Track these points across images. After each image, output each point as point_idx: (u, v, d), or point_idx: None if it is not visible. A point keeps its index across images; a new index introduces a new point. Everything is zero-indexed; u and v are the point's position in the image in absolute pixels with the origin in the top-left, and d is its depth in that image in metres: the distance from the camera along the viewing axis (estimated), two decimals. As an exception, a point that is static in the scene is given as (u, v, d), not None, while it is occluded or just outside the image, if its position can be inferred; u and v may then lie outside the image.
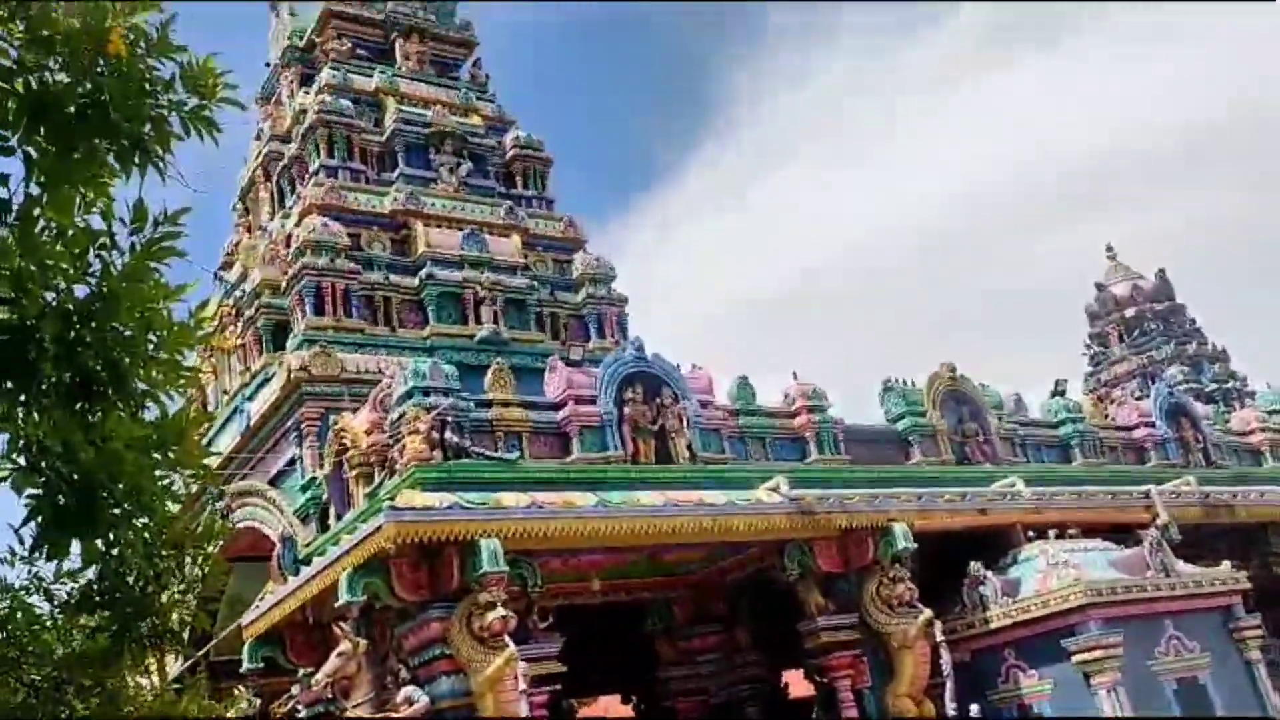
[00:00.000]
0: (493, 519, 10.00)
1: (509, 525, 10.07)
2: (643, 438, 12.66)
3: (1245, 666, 12.60)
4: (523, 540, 10.21)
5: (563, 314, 17.56)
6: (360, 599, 9.85)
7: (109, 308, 2.49)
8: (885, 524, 12.30)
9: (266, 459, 14.42)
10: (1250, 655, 12.64)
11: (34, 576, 3.70)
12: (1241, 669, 12.54)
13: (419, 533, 9.62)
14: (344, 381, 13.93)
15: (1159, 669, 11.86)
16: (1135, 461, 17.17)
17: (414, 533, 9.59)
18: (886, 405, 15.55)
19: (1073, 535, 13.17)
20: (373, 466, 11.60)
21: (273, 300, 15.88)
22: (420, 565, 10.18)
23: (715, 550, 12.60)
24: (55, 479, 2.43)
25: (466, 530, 9.84)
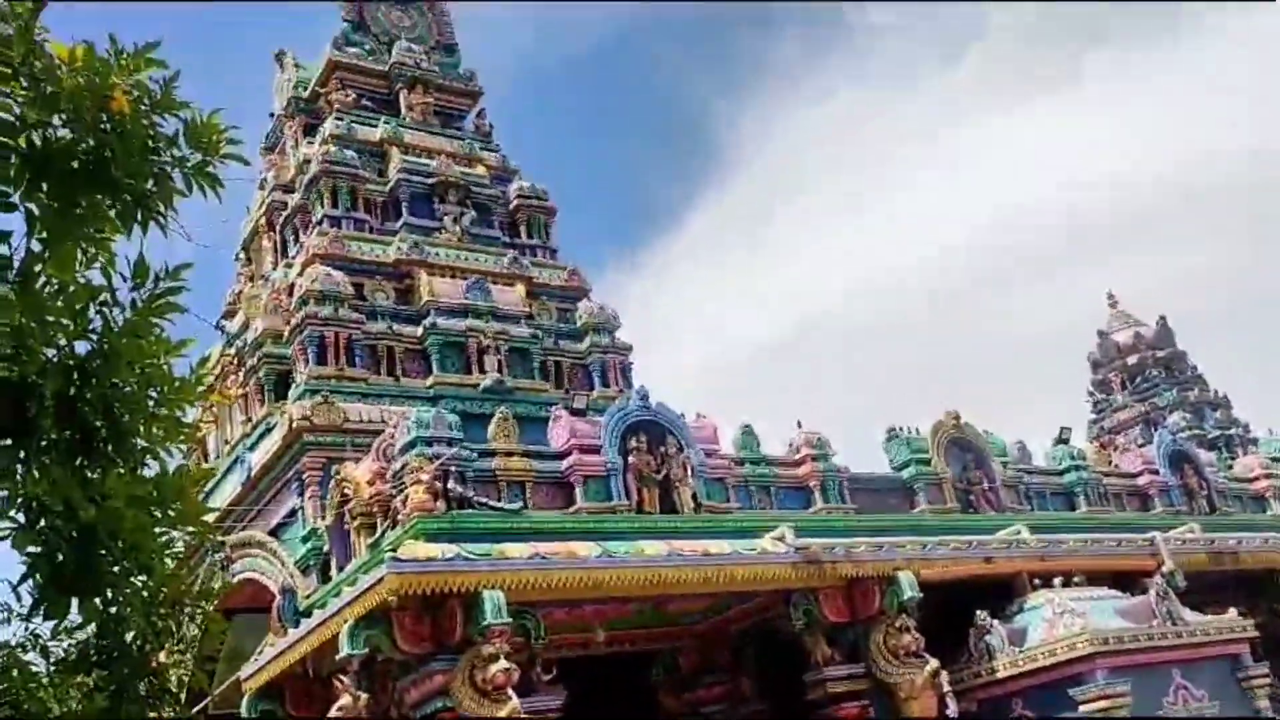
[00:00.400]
0: (496, 570, 9.91)
1: (512, 576, 9.98)
2: (647, 487, 12.60)
3: (1254, 715, 12.41)
4: (526, 591, 10.11)
5: (566, 362, 17.58)
6: (362, 652, 9.74)
7: (110, 364, 2.49)
8: (891, 573, 12.19)
9: (267, 510, 14.35)
10: (1259, 703, 12.45)
11: (30, 634, 3.66)
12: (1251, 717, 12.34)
13: (421, 584, 9.53)
14: (346, 431, 13.90)
15: (1168, 718, 11.67)
16: (1140, 508, 17.07)
17: (416, 584, 9.50)
18: (891, 453, 15.50)
19: (1078, 583, 13.05)
20: (375, 517, 11.54)
21: (275, 350, 15.91)
22: (422, 617, 10.07)
23: (720, 600, 12.49)
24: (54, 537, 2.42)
25: (469, 582, 9.75)
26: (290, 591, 12.04)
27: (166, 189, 2.60)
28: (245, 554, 13.48)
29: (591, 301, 18.49)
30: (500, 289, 17.32)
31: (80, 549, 2.46)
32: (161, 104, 2.58)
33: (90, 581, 2.51)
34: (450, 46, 20.92)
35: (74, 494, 2.36)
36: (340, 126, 18.38)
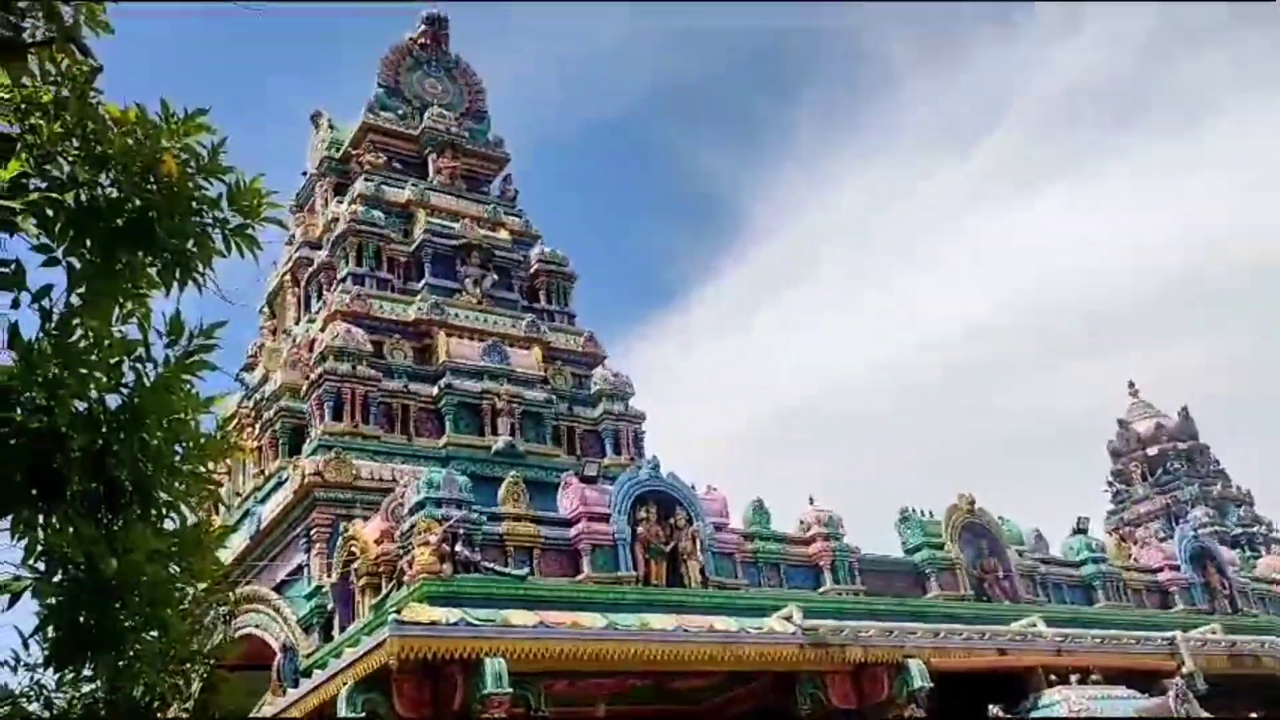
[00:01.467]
0: (499, 637, 9.79)
1: (515, 645, 9.85)
2: (655, 558, 12.47)
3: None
4: (529, 661, 9.97)
5: (579, 428, 17.56)
6: (360, 716, 9.58)
7: (139, 418, 2.50)
8: (901, 660, 11.97)
9: (274, 564, 14.26)
10: (1282, 817, 12.05)
11: (35, 684, 3.61)
12: (1274, 832, 11.94)
13: (423, 648, 9.41)
14: (357, 489, 13.87)
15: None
16: (1159, 605, 16.74)
17: (418, 648, 9.39)
18: (904, 536, 15.31)
19: (1095, 681, 12.76)
20: (380, 577, 11.45)
21: (292, 404, 15.97)
22: (423, 683, 9.93)
23: (725, 679, 12.26)
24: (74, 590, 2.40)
25: (472, 648, 9.62)
26: (291, 650, 11.90)
27: (207, 249, 2.64)
28: (249, 609, 13.34)
29: (606, 368, 18.53)
30: (517, 352, 17.39)
31: (100, 603, 2.44)
32: (208, 168, 2.63)
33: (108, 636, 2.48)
34: (480, 114, 21.33)
35: (97, 548, 2.35)
36: (369, 187, 18.68)
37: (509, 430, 16.29)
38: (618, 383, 18.32)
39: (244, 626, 13.41)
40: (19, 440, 2.38)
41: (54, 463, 2.40)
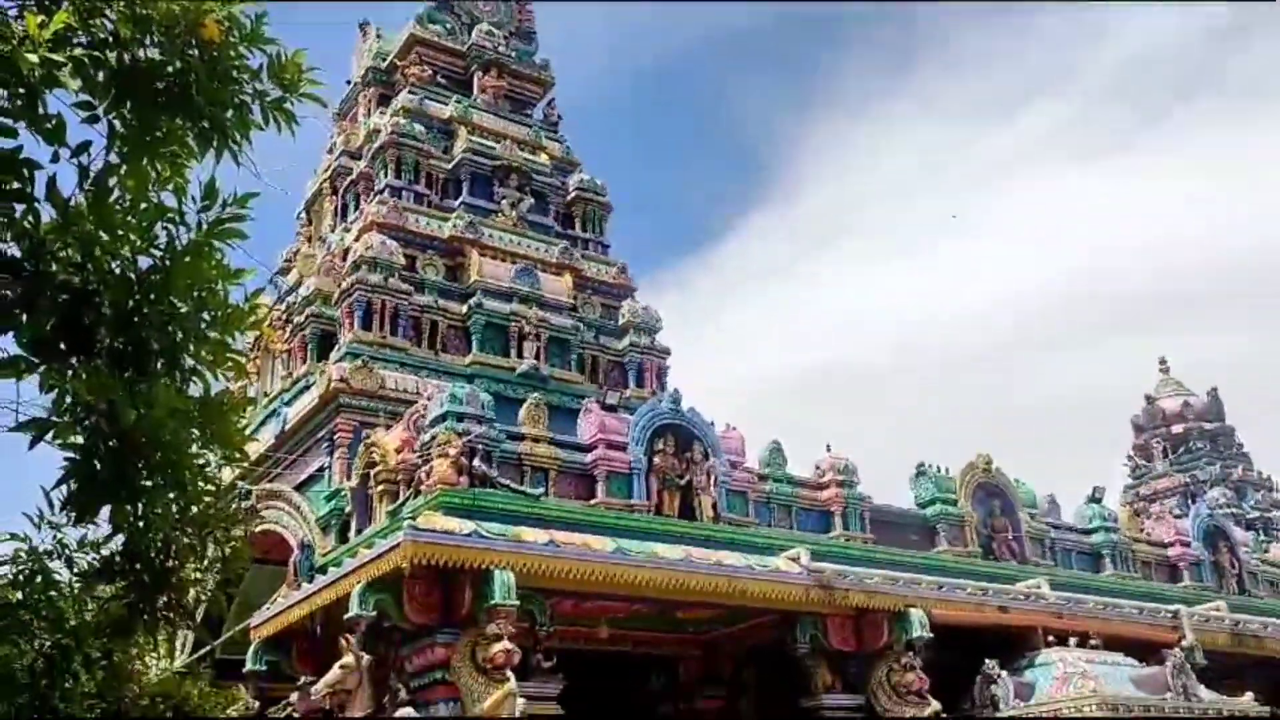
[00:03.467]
0: (510, 552, 9.97)
1: (525, 560, 10.03)
2: (669, 490, 12.62)
3: (1259, 804, 12.15)
4: (537, 578, 10.16)
5: (604, 358, 17.63)
6: (370, 614, 9.83)
7: (169, 282, 2.56)
8: (903, 609, 12.09)
9: (296, 465, 14.54)
10: (1267, 792, 12.19)
11: (58, 543, 3.74)
12: (1257, 807, 12.09)
13: (435, 556, 9.61)
14: (381, 398, 14.05)
15: (1170, 794, 11.47)
16: (1167, 579, 16.77)
17: (431, 555, 9.59)
18: (917, 490, 15.37)
19: (1094, 646, 12.85)
20: (398, 485, 11.66)
21: (323, 310, 16.13)
22: (433, 589, 10.16)
23: (728, 613, 12.45)
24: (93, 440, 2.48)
25: (483, 559, 9.81)
26: (309, 547, 12.19)
27: (244, 120, 2.67)
28: (270, 505, 13.65)
29: (636, 301, 18.54)
30: (548, 277, 17.42)
31: (117, 456, 2.52)
32: (250, 37, 2.65)
33: (124, 488, 2.57)
34: (528, 34, 21.09)
35: (119, 397, 2.42)
36: (413, 100, 18.61)
37: (534, 354, 16.39)
38: (646, 316, 18.34)
39: (264, 522, 13.73)
40: (52, 294, 2.45)
41: (84, 319, 2.47)
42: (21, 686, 3.90)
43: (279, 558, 13.26)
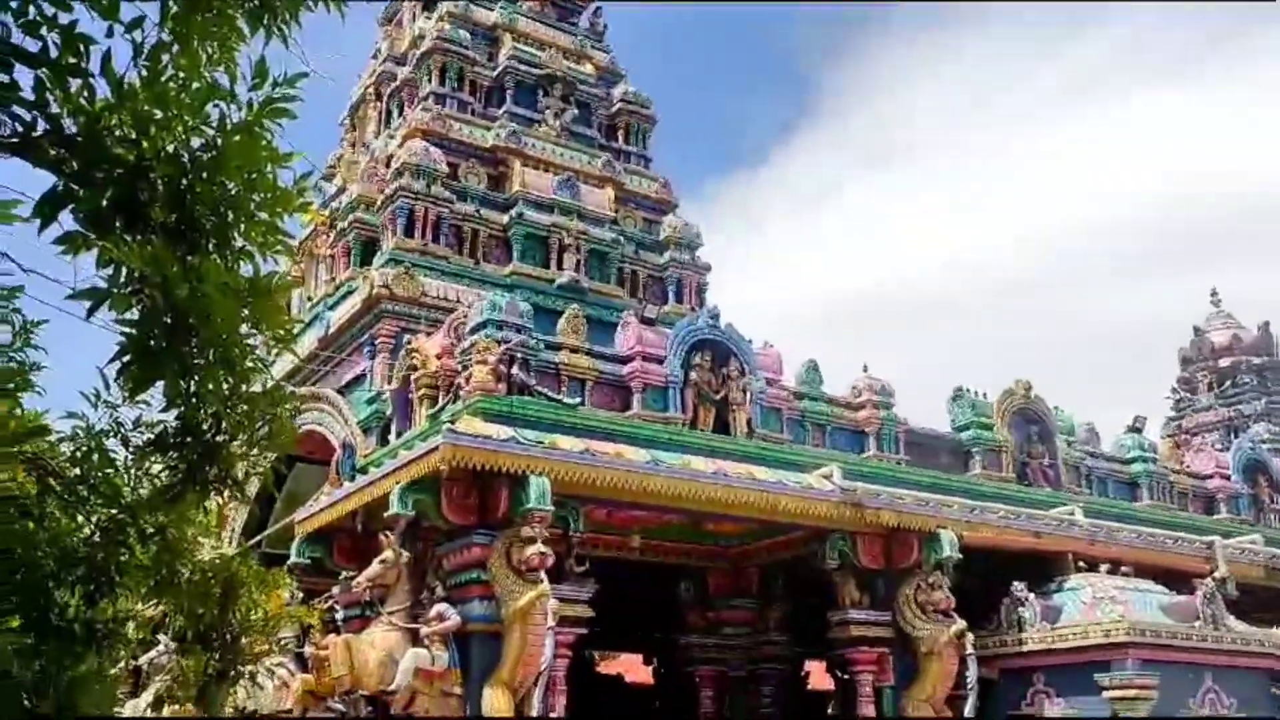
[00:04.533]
0: (546, 458, 10.14)
1: (561, 467, 10.20)
2: (704, 405, 12.70)
3: (1275, 725, 12.26)
4: (572, 484, 10.34)
5: (644, 273, 17.62)
6: (409, 513, 10.08)
7: (220, 162, 2.60)
8: (934, 529, 12.18)
9: (339, 369, 14.79)
10: (1290, 722, 12.28)
11: (114, 422, 3.87)
12: (1277, 735, 12.20)
13: (473, 459, 9.80)
14: (422, 305, 14.19)
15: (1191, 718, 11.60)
16: (1203, 511, 16.69)
17: (468, 458, 9.77)
18: (954, 414, 15.34)
19: (1125, 573, 12.89)
20: (438, 390, 11.83)
21: (366, 216, 16.22)
22: (470, 491, 10.38)
23: (759, 527, 12.61)
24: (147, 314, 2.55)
25: (519, 464, 9.99)
26: (350, 447, 12.47)
27: (294, 0, 2.67)
28: (313, 407, 13.95)
29: (677, 217, 18.43)
30: (590, 189, 17.33)
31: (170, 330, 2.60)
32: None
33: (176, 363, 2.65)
34: (576, -61, 20.61)
35: (171, 271, 2.49)
36: (458, 6, 18.35)
37: (574, 266, 16.41)
38: (687, 232, 18.24)
39: (309, 423, 14.05)
40: (107, 169, 2.50)
41: (139, 194, 2.52)
42: (80, 558, 4.09)
43: (322, 457, 13.59)
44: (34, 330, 3.44)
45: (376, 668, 9.67)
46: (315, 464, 14.31)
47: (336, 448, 12.83)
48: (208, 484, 3.01)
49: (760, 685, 14.32)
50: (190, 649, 4.27)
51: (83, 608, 4.07)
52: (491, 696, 9.72)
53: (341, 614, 11.81)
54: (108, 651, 4.13)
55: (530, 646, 9.67)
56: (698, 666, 14.56)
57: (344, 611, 11.81)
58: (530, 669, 9.65)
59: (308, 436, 14.01)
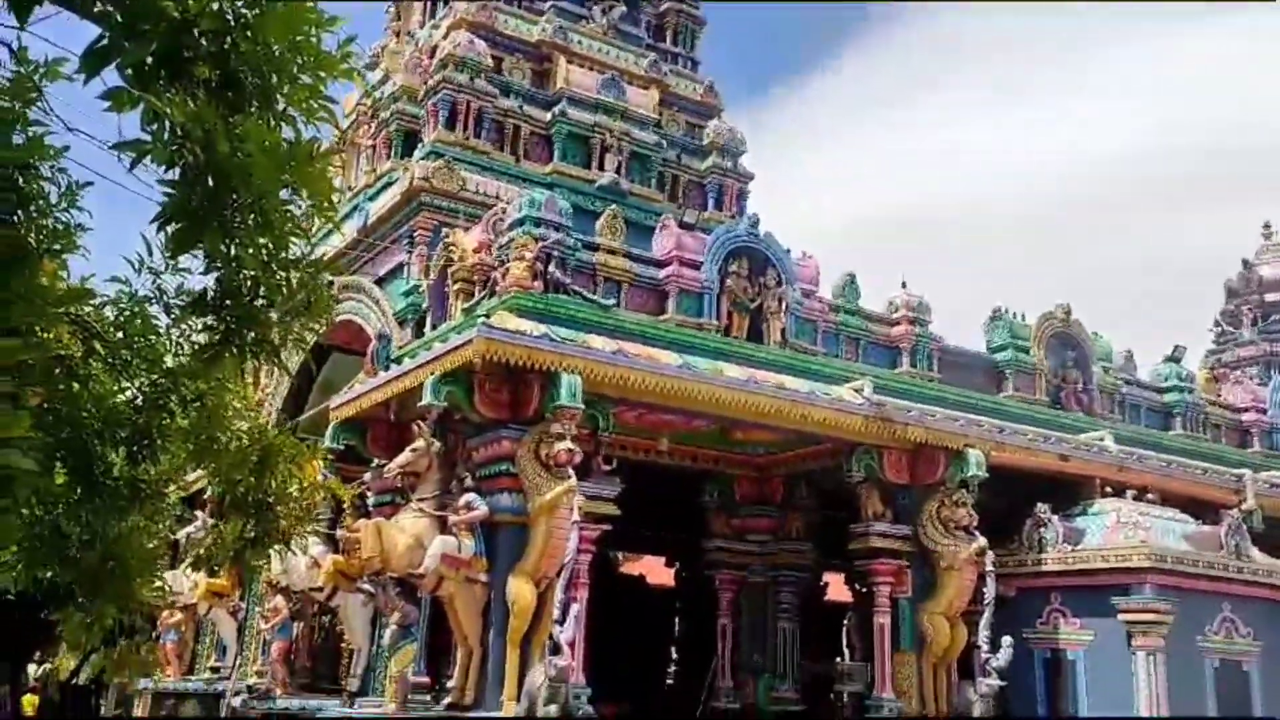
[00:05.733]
0: (579, 357, 10.21)
1: (593, 367, 10.27)
2: (739, 313, 12.67)
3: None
4: (603, 384, 10.43)
5: (685, 178, 17.41)
6: (441, 404, 10.24)
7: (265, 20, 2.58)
8: (961, 448, 12.20)
9: (376, 259, 14.86)
10: (1305, 654, 12.37)
11: (157, 288, 3.93)
12: (1291, 667, 12.30)
13: (506, 354, 9.89)
14: (461, 199, 14.15)
15: (1205, 646, 11.71)
16: (1236, 444, 16.57)
17: (501, 353, 9.86)
18: (990, 335, 15.21)
19: (1151, 501, 12.89)
20: (474, 285, 11.88)
21: (408, 108, 16.07)
22: (502, 385, 10.50)
23: (787, 437, 12.68)
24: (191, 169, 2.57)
25: (552, 362, 10.07)
26: (386, 338, 12.61)
27: None
28: (349, 296, 14.07)
29: (722, 122, 18.10)
30: (635, 90, 17.03)
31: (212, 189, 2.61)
32: None
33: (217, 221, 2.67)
34: None
35: (214, 126, 2.49)
36: (507, -107, 17.80)
37: (616, 168, 16.23)
38: (730, 138, 17.93)
39: (345, 313, 14.19)
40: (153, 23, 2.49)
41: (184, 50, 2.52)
42: (123, 420, 4.22)
43: (358, 347, 13.77)
44: (79, 192, 3.48)
45: (405, 551, 9.95)
46: (351, 353, 14.51)
47: (372, 338, 12.98)
48: (245, 348, 3.06)
49: (779, 591, 14.60)
50: (227, 515, 4.41)
51: (126, 467, 4.22)
52: (515, 585, 9.99)
53: (373, 500, 12.11)
54: (150, 509, 4.30)
55: (555, 540, 9.89)
56: (719, 571, 14.85)
57: (375, 498, 12.11)
58: (554, 561, 9.88)
59: (344, 326, 14.17)
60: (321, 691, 12.60)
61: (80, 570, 4.10)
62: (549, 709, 9.12)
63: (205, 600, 15.30)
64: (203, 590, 15.05)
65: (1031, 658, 12.27)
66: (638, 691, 15.75)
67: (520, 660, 9.90)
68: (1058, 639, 12.16)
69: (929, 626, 12.22)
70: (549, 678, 9.23)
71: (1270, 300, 24.66)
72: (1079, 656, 11.95)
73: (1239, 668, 11.90)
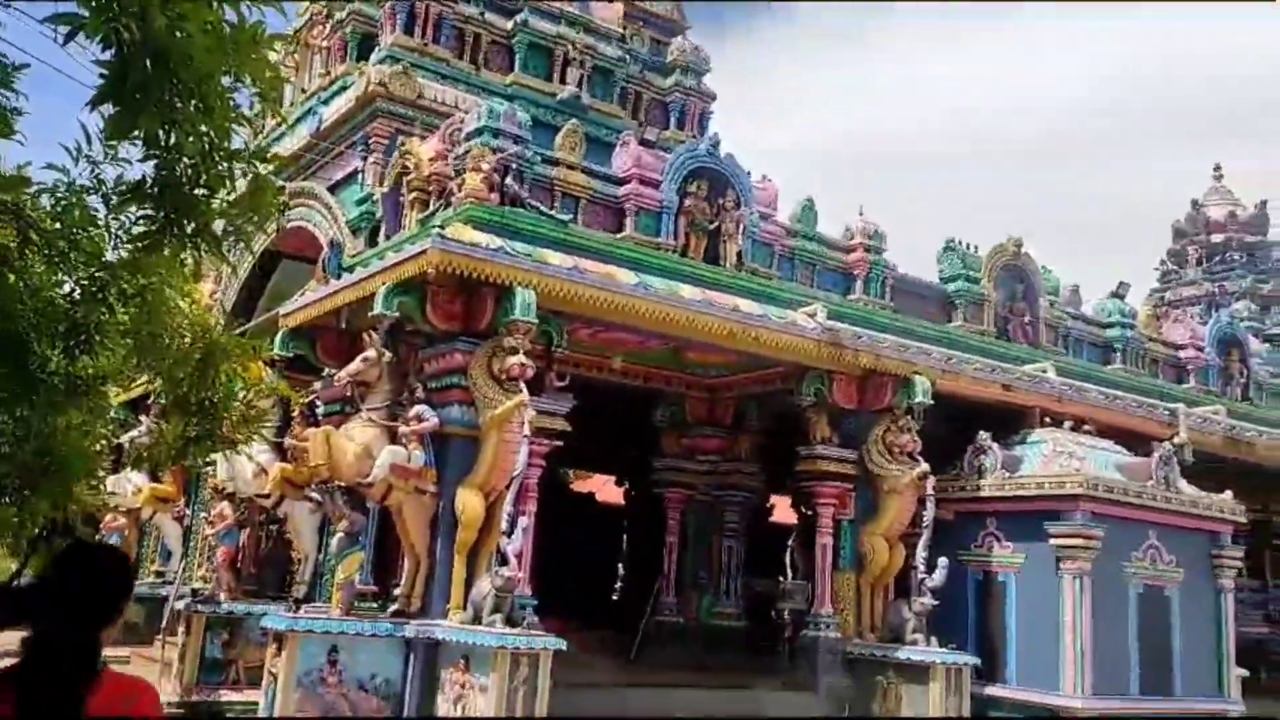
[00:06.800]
0: (534, 271, 10.13)
1: (548, 282, 10.21)
2: (696, 234, 12.62)
3: (1215, 593, 12.91)
4: (557, 300, 10.38)
5: (647, 95, 17.16)
6: (393, 314, 10.14)
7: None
8: (909, 375, 12.40)
9: (330, 166, 14.52)
10: (1222, 582, 12.92)
11: (96, 179, 3.81)
12: (1210, 593, 12.85)
13: (461, 266, 9.78)
14: (419, 107, 13.81)
15: (1130, 571, 12.18)
16: (1173, 380, 17.00)
17: (456, 264, 9.76)
18: (943, 265, 15.35)
19: (1088, 432, 13.23)
20: (430, 195, 11.68)
21: (365, 8, 15.56)
22: (456, 298, 10.42)
23: (739, 360, 12.78)
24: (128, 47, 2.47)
25: (506, 275, 9.99)
26: (338, 246, 12.41)
27: None
28: (301, 203, 13.77)
29: (687, 40, 17.79)
30: (599, 4, 16.64)
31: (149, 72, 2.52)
32: None
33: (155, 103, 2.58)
34: None
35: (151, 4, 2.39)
36: None
37: (577, 82, 15.93)
38: (695, 56, 17.65)
39: (296, 220, 13.92)
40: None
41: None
42: (61, 314, 4.12)
43: (310, 255, 13.55)
44: (16, 74, 3.34)
45: (354, 460, 9.94)
46: (302, 261, 14.27)
47: (324, 245, 12.77)
48: (185, 237, 2.98)
49: (726, 511, 14.89)
50: (170, 414, 4.36)
51: (63, 362, 4.14)
52: (464, 497, 10.06)
53: (322, 409, 12.04)
54: (89, 406, 4.23)
55: (505, 453, 9.93)
56: (667, 490, 15.08)
57: (324, 406, 12.04)
58: (503, 475, 9.94)
59: (295, 233, 13.91)
60: (267, 598, 12.68)
61: (14, 465, 4.04)
62: (494, 618, 9.26)
63: (149, 505, 15.23)
64: (146, 495, 14.98)
65: (965, 579, 12.68)
66: (585, 607, 16.04)
67: (467, 571, 10.02)
68: (991, 561, 12.57)
69: (869, 547, 12.56)
70: (495, 588, 9.36)
71: (1216, 241, 25.14)
72: (1010, 578, 12.38)
73: (1161, 593, 12.41)
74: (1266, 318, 23.43)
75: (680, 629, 14.55)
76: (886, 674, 11.86)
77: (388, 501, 10.19)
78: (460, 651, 9.40)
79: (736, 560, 14.80)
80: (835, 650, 12.25)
